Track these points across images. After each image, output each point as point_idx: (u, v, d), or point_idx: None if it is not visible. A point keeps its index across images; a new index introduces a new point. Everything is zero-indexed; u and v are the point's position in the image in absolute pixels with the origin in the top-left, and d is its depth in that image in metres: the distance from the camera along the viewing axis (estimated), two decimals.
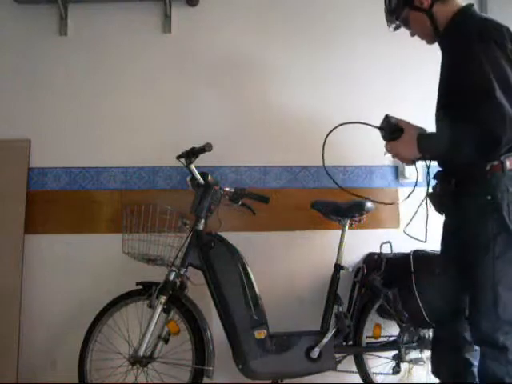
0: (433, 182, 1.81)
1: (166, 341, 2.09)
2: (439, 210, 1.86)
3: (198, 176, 2.14)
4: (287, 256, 2.54)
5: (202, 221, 2.15)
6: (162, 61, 2.60)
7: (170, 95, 2.57)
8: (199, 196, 2.15)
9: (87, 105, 2.56)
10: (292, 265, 2.52)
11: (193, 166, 2.14)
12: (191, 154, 2.13)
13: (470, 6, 1.77)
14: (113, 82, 2.57)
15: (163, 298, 2.04)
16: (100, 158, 2.54)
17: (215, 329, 2.14)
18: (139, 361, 2.04)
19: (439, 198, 1.79)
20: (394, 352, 2.24)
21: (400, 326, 2.28)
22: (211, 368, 2.06)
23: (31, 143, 2.53)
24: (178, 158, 2.18)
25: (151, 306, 2.05)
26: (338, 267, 2.24)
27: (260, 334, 2.10)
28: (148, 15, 2.61)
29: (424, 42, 1.86)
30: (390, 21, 1.89)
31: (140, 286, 2.15)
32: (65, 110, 2.55)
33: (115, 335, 2.23)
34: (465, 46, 1.63)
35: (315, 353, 2.12)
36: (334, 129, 1.84)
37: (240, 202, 2.22)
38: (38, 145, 2.53)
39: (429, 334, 2.27)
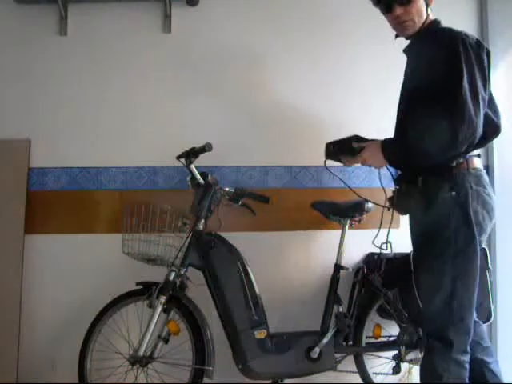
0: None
1: (166, 341, 2.09)
2: (404, 210, 1.89)
3: (198, 176, 2.14)
4: (287, 256, 2.54)
5: (202, 221, 2.15)
6: (161, 61, 2.59)
7: (170, 95, 2.57)
8: (199, 196, 2.15)
9: (87, 105, 2.56)
10: (292, 265, 2.52)
11: (193, 166, 2.14)
12: (191, 154, 2.13)
13: (436, 20, 1.87)
14: (113, 82, 2.57)
15: (163, 298, 2.04)
16: (100, 158, 2.54)
17: (215, 329, 2.14)
18: (139, 361, 2.04)
19: (406, 199, 1.80)
20: (394, 352, 2.24)
21: (400, 326, 2.28)
22: (211, 368, 2.06)
23: (31, 143, 2.53)
24: (178, 158, 2.18)
25: (151, 306, 2.06)
26: (337, 267, 2.24)
27: (260, 333, 2.10)
28: (148, 15, 2.61)
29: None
30: None
31: (140, 286, 2.15)
32: (65, 110, 2.55)
33: (115, 335, 2.23)
34: (444, 49, 1.67)
35: (315, 353, 2.13)
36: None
37: (240, 202, 2.22)
38: (37, 145, 2.53)
39: None
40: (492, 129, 1.81)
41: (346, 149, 1.90)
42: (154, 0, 2.58)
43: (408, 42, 1.90)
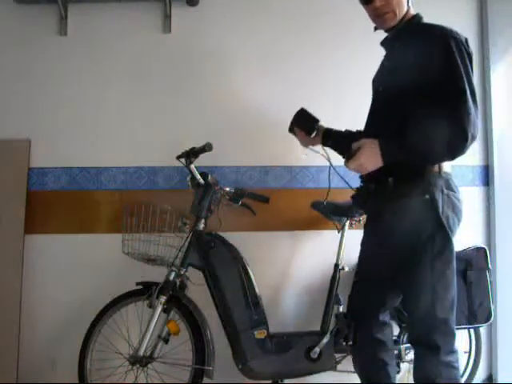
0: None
1: (166, 341, 2.09)
2: (365, 211, 1.90)
3: (198, 176, 2.14)
4: (287, 256, 2.54)
5: (202, 221, 2.15)
6: (161, 61, 2.60)
7: (170, 95, 2.57)
8: (199, 196, 2.15)
9: (87, 105, 2.56)
10: (292, 265, 2.52)
11: (193, 166, 2.14)
12: (191, 154, 2.13)
13: (418, 14, 1.82)
14: (113, 82, 2.57)
15: (163, 298, 2.04)
16: (100, 158, 2.54)
17: (215, 329, 2.14)
18: (139, 361, 2.04)
19: (372, 199, 1.77)
20: (394, 352, 2.23)
21: (400, 326, 2.28)
22: (211, 368, 2.06)
23: (31, 143, 2.53)
24: (178, 158, 2.18)
25: (151, 306, 2.06)
26: (337, 267, 2.24)
27: (260, 333, 2.10)
28: (148, 15, 2.61)
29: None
30: None
31: (140, 286, 2.15)
32: (65, 109, 2.55)
33: (115, 335, 2.23)
34: (438, 47, 1.64)
35: (315, 353, 2.13)
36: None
37: (240, 202, 2.22)
38: (37, 145, 2.53)
39: None
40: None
41: (340, 147, 1.87)
42: (154, 0, 2.58)
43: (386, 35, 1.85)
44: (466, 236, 2.49)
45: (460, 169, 2.62)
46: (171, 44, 2.60)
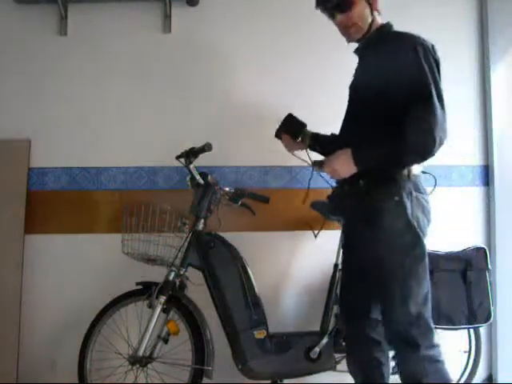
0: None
1: (166, 341, 2.09)
2: (340, 211, 1.94)
3: (198, 176, 2.14)
4: (287, 256, 2.54)
5: (202, 221, 2.15)
6: (161, 60, 2.60)
7: (170, 95, 2.57)
8: (199, 196, 2.15)
9: (87, 105, 2.56)
10: (292, 265, 2.52)
11: (192, 166, 2.14)
12: (191, 154, 2.13)
13: (388, 23, 1.87)
14: (113, 82, 2.57)
15: (163, 298, 2.04)
16: (100, 158, 2.54)
17: (215, 329, 2.14)
18: (139, 361, 2.04)
19: (345, 200, 1.83)
20: (393, 352, 2.23)
21: None
22: (211, 368, 2.06)
23: (31, 143, 2.53)
24: (178, 158, 2.18)
25: (151, 306, 2.06)
26: (337, 267, 2.24)
27: (260, 333, 2.10)
28: (148, 15, 2.61)
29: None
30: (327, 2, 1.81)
31: (140, 286, 2.15)
32: (65, 109, 2.55)
33: (115, 335, 2.23)
34: (405, 53, 1.69)
35: (315, 353, 2.13)
36: None
37: (240, 202, 2.22)
38: (38, 145, 2.53)
39: None
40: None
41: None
42: (154, 0, 2.58)
43: None
44: (466, 236, 2.52)
45: (460, 169, 2.62)
46: (171, 44, 2.60)
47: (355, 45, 1.90)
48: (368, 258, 1.75)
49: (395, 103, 1.66)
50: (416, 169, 1.74)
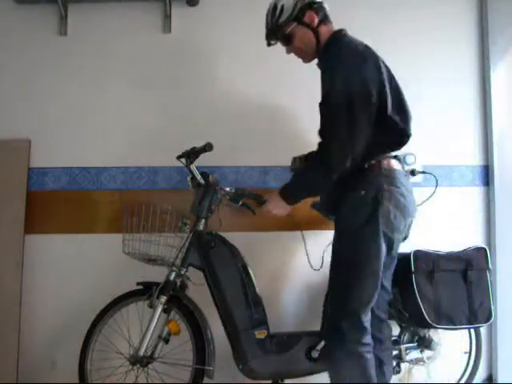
0: None
1: (167, 341, 2.08)
2: (331, 211, 2.01)
3: (199, 176, 2.14)
4: (287, 256, 2.54)
5: (203, 221, 2.15)
6: (161, 61, 2.60)
7: (169, 95, 2.57)
8: (199, 196, 2.14)
9: (87, 105, 2.56)
10: (292, 265, 2.52)
11: (193, 166, 2.14)
12: (192, 154, 2.13)
13: (341, 30, 1.92)
14: (113, 82, 2.57)
15: (164, 298, 2.04)
16: (100, 158, 2.54)
17: (215, 329, 2.13)
18: (140, 361, 2.03)
19: (331, 199, 1.94)
20: (394, 352, 2.24)
21: (400, 326, 2.29)
22: (212, 368, 2.05)
23: (31, 143, 2.53)
24: (179, 157, 2.18)
25: (152, 306, 2.05)
26: None
27: (260, 333, 2.10)
28: (148, 15, 2.61)
29: None
30: (272, 36, 1.98)
31: (140, 286, 2.15)
32: (65, 109, 2.55)
33: (116, 335, 2.23)
34: (331, 67, 1.81)
35: (315, 353, 2.12)
36: None
37: (240, 202, 2.22)
38: (38, 145, 2.53)
39: (429, 334, 2.27)
40: (399, 135, 1.85)
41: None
42: (154, 0, 2.58)
43: None
44: (466, 236, 2.52)
45: (460, 169, 2.62)
46: (171, 44, 2.60)
47: None
48: (333, 249, 1.86)
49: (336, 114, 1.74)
50: (392, 163, 1.80)
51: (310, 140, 2.52)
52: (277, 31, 1.93)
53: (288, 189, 1.92)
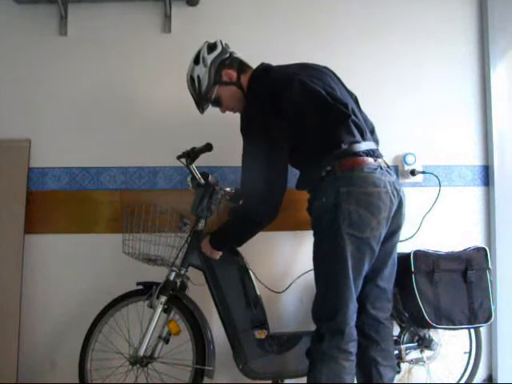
0: None
1: (167, 341, 2.09)
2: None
3: (199, 176, 2.14)
4: (287, 256, 2.54)
5: (203, 221, 2.15)
6: (161, 61, 2.59)
7: (169, 95, 2.57)
8: (199, 196, 2.14)
9: (87, 105, 2.55)
10: (292, 265, 2.52)
11: (193, 166, 2.14)
12: (192, 154, 2.13)
13: (259, 68, 1.99)
14: (113, 82, 2.57)
15: (163, 298, 2.04)
16: (100, 158, 2.53)
17: (216, 329, 2.14)
18: (139, 361, 2.04)
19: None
20: (394, 352, 2.24)
21: (400, 326, 2.29)
22: (212, 368, 2.06)
23: (31, 143, 2.53)
24: (179, 158, 2.18)
25: (152, 306, 2.06)
26: None
27: (260, 334, 2.10)
28: (148, 15, 2.61)
29: None
30: (202, 105, 2.06)
31: (140, 286, 2.15)
32: (65, 109, 2.55)
33: (116, 335, 2.23)
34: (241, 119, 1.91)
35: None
36: None
37: (240, 202, 2.22)
38: (38, 145, 2.53)
39: (429, 334, 2.27)
40: (330, 137, 1.82)
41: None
42: (154, 0, 2.58)
43: None
44: (466, 236, 2.52)
45: (460, 169, 2.62)
46: (171, 44, 2.60)
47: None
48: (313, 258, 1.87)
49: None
50: (349, 163, 1.76)
51: None
52: (205, 99, 2.03)
53: (214, 237, 2.02)
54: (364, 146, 1.81)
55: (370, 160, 1.79)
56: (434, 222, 2.46)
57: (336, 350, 1.75)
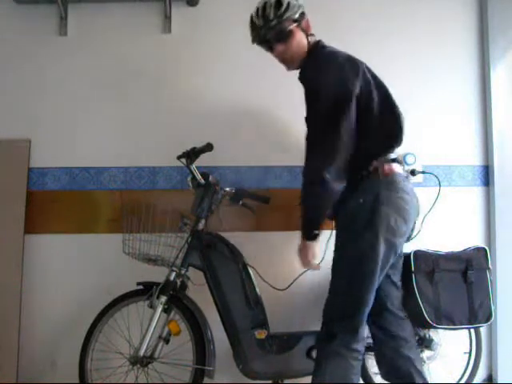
0: None
1: (167, 341, 2.09)
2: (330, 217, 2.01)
3: (199, 176, 2.15)
4: (287, 256, 2.52)
5: (203, 221, 2.15)
6: (161, 61, 2.59)
7: (169, 95, 2.57)
8: (200, 196, 2.15)
9: (87, 105, 2.56)
10: (292, 265, 2.51)
11: (193, 166, 2.14)
12: (192, 154, 2.13)
13: (320, 41, 1.94)
14: (112, 82, 2.57)
15: (164, 298, 2.05)
16: (100, 158, 2.54)
17: (216, 329, 2.14)
18: (140, 361, 2.04)
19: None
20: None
21: None
22: (212, 368, 2.06)
23: (31, 143, 2.53)
24: (179, 158, 2.18)
25: (152, 306, 2.06)
26: None
27: (260, 334, 2.11)
28: (148, 15, 2.61)
29: None
30: (268, 30, 1.88)
31: (141, 286, 2.15)
32: (65, 110, 2.55)
33: (116, 335, 2.23)
34: (309, 78, 1.83)
35: (316, 353, 2.12)
36: None
37: (241, 203, 2.22)
38: (38, 145, 2.53)
39: (429, 333, 2.27)
40: (391, 138, 1.85)
41: None
42: (154, 0, 2.58)
43: None
44: (466, 236, 2.52)
45: (460, 169, 2.62)
46: (171, 44, 2.60)
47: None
48: (334, 254, 1.88)
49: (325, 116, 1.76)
50: (392, 168, 1.79)
51: None
52: (277, 24, 1.84)
53: (302, 229, 1.91)
54: (395, 152, 1.86)
55: (400, 167, 1.85)
56: (434, 222, 2.46)
57: (345, 349, 1.75)
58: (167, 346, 2.10)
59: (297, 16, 1.85)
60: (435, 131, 2.60)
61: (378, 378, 2.27)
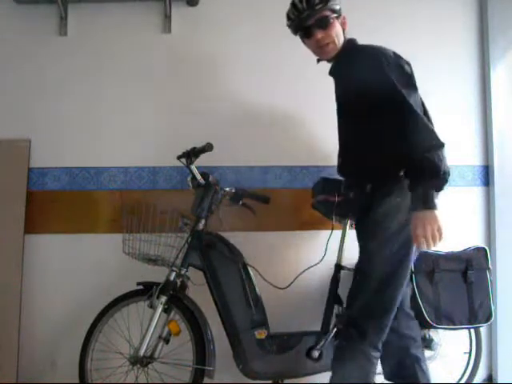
0: None
1: (167, 341, 2.09)
2: (347, 213, 2.06)
3: (199, 176, 2.14)
4: (287, 256, 2.54)
5: (203, 221, 2.15)
6: (161, 61, 2.60)
7: (169, 95, 2.57)
8: (200, 196, 2.14)
9: (87, 105, 2.56)
10: (292, 265, 2.51)
11: (193, 166, 2.14)
12: (192, 154, 2.13)
13: (354, 39, 1.94)
14: (113, 82, 2.57)
15: (164, 298, 2.04)
16: (100, 158, 2.54)
17: (216, 329, 2.14)
18: (140, 361, 2.04)
19: (353, 203, 1.93)
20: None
21: None
22: (212, 368, 2.06)
23: (31, 143, 2.53)
24: (179, 158, 2.18)
25: (152, 306, 2.06)
26: (338, 267, 2.24)
27: (260, 334, 2.10)
28: (148, 15, 2.61)
29: None
30: (312, 14, 1.84)
31: (141, 286, 2.15)
32: (65, 110, 2.55)
33: (116, 335, 2.23)
34: (372, 66, 1.76)
35: (316, 353, 2.12)
36: None
37: (241, 203, 2.22)
38: (38, 145, 2.53)
39: (429, 333, 2.27)
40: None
41: None
42: (154, 0, 2.58)
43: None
44: (466, 236, 2.52)
45: (460, 169, 2.62)
46: (171, 44, 2.60)
47: None
48: (362, 254, 1.85)
49: (374, 110, 1.74)
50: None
51: (311, 139, 2.55)
52: (321, 9, 1.82)
53: (426, 198, 1.67)
54: None
55: None
56: None
57: (372, 349, 1.76)
58: (167, 346, 2.10)
59: (338, 7, 1.87)
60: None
61: (378, 378, 2.27)
